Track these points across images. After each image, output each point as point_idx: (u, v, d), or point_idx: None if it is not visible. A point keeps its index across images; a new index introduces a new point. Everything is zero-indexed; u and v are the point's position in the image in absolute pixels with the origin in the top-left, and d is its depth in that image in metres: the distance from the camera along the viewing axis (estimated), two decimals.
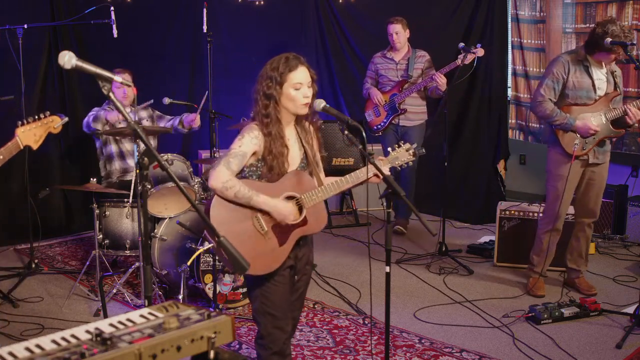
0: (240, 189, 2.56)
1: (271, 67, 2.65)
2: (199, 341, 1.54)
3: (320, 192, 2.70)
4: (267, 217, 2.63)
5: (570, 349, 3.63)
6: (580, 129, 4.17)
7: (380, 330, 3.88)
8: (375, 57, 5.94)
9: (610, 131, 4.25)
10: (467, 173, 6.65)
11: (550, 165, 4.37)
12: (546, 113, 4.24)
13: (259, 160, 2.66)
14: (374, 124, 5.87)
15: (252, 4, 6.66)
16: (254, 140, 2.62)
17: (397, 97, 5.74)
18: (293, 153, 2.71)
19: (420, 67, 5.76)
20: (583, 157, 4.26)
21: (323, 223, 2.79)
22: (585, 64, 4.21)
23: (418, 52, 5.80)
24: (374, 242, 5.68)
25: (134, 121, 2.04)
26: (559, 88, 4.25)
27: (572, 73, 4.21)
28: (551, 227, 4.37)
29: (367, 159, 2.60)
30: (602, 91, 4.25)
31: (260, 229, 2.62)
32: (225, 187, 2.55)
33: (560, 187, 4.27)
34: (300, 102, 2.63)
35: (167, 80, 6.24)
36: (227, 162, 2.58)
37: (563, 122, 4.20)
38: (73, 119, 5.94)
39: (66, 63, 1.93)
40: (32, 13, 5.51)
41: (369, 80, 5.96)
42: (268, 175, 2.65)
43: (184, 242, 4.22)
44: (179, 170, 4.45)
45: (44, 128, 3.21)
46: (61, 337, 1.50)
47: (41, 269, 4.91)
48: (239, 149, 2.61)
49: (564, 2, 6.04)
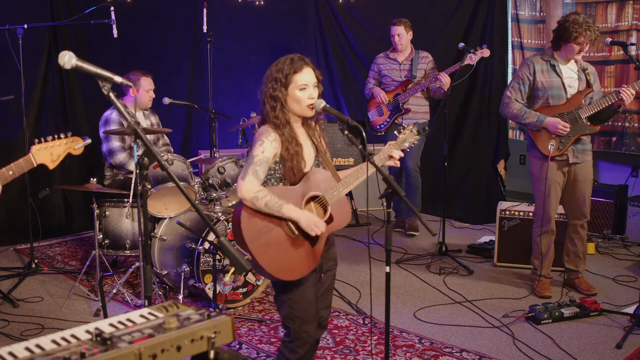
0: (270, 199, 2.53)
1: (276, 68, 2.64)
2: (199, 341, 1.54)
3: (341, 187, 2.70)
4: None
5: (570, 349, 3.63)
6: (549, 125, 4.17)
7: (380, 330, 3.88)
8: (378, 58, 5.94)
9: (586, 128, 4.23)
10: (467, 173, 6.65)
11: (532, 168, 4.39)
12: (514, 112, 4.27)
13: (276, 162, 2.65)
14: (377, 123, 5.87)
15: (252, 4, 6.66)
16: (274, 144, 2.60)
17: (401, 96, 5.74)
18: (306, 150, 2.71)
19: (423, 68, 5.77)
20: (562, 158, 4.25)
21: (348, 218, 2.79)
22: (552, 63, 4.22)
23: (421, 53, 5.81)
24: (374, 242, 5.68)
25: (134, 121, 2.04)
26: (525, 89, 4.27)
27: (539, 73, 4.22)
28: (544, 230, 4.37)
29: (367, 159, 2.60)
30: (573, 89, 4.25)
31: (291, 233, 2.62)
32: (257, 197, 2.52)
33: (543, 189, 4.27)
34: (305, 104, 2.63)
35: (167, 80, 6.24)
36: (255, 171, 2.55)
37: (533, 121, 4.21)
38: (73, 119, 5.96)
39: (66, 63, 1.94)
40: (32, 13, 5.51)
41: (372, 81, 5.96)
42: (288, 175, 2.64)
43: (184, 242, 4.22)
44: (179, 170, 4.45)
45: (63, 148, 3.10)
46: (61, 337, 1.50)
47: (41, 269, 4.91)
48: (262, 155, 2.57)
49: (564, 2, 6.04)
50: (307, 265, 2.65)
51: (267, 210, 2.55)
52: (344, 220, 2.77)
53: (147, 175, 2.14)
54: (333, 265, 2.86)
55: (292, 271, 2.61)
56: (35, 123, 5.68)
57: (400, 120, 5.79)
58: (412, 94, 5.70)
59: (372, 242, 5.69)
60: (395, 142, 2.80)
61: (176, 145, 6.29)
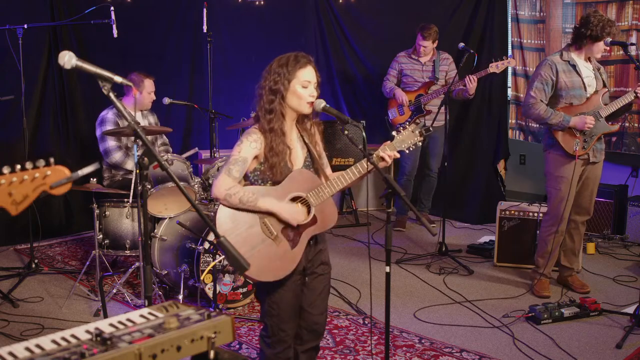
0: (244, 194, 2.54)
1: (279, 63, 2.64)
2: (199, 341, 1.54)
3: (327, 188, 2.66)
4: (275, 220, 2.61)
5: (570, 349, 3.63)
6: (577, 123, 4.16)
7: (380, 330, 3.88)
8: (400, 57, 5.95)
9: (607, 127, 4.26)
10: (467, 173, 6.65)
11: (551, 167, 4.34)
12: (540, 114, 4.24)
13: (261, 163, 2.65)
14: (397, 122, 5.89)
15: (252, 4, 6.66)
16: (253, 144, 2.60)
17: (424, 98, 5.76)
18: (296, 152, 2.70)
19: (445, 70, 5.83)
20: (584, 156, 4.26)
21: (333, 220, 2.75)
22: (572, 64, 4.22)
23: (442, 54, 5.85)
24: (374, 242, 5.68)
25: (133, 121, 2.04)
26: (549, 90, 4.25)
27: (562, 73, 4.22)
28: (555, 229, 4.35)
29: (368, 159, 2.59)
30: (592, 88, 4.26)
31: (269, 234, 2.60)
32: (229, 194, 2.53)
33: (564, 188, 4.25)
34: (306, 101, 2.63)
35: (167, 80, 6.24)
36: (228, 169, 2.57)
37: (559, 121, 4.20)
38: (73, 119, 5.95)
39: (66, 63, 1.93)
40: (32, 13, 5.51)
41: (392, 79, 5.96)
42: (271, 174, 2.62)
43: (184, 242, 4.22)
44: (179, 170, 4.45)
45: (32, 186, 1.70)
46: (61, 337, 1.50)
47: (41, 269, 4.90)
48: (238, 155, 2.59)
49: (564, 2, 6.04)
50: (284, 267, 2.62)
51: (242, 206, 2.55)
52: (329, 222, 2.73)
53: (147, 175, 2.13)
54: (325, 269, 2.80)
55: (269, 272, 2.59)
56: (35, 123, 5.67)
57: (422, 121, 5.80)
58: (436, 96, 5.71)
59: (372, 242, 5.69)
60: (391, 142, 2.70)
61: (176, 145, 6.29)
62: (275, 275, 2.61)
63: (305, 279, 2.76)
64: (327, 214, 2.72)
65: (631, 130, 5.76)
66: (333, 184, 2.67)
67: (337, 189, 2.68)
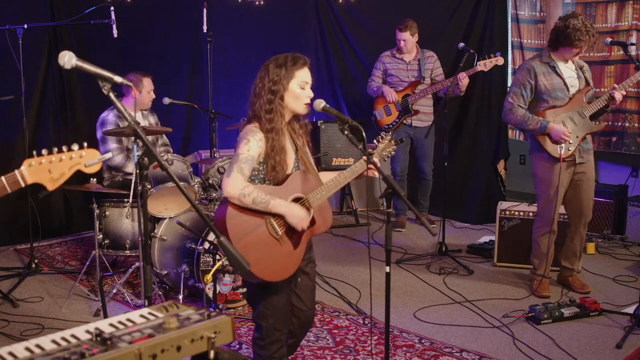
0: (257, 195, 2.53)
1: (276, 63, 2.65)
2: (199, 341, 1.54)
3: (324, 191, 2.69)
4: (279, 221, 2.62)
5: (570, 349, 3.63)
6: (552, 134, 4.15)
7: (380, 330, 3.88)
8: (384, 57, 5.93)
9: (591, 126, 4.24)
10: (467, 173, 6.65)
11: (538, 170, 4.34)
12: (517, 119, 4.25)
13: (260, 163, 2.65)
14: (384, 122, 5.87)
15: (252, 4, 6.66)
16: (259, 143, 2.60)
17: (411, 97, 5.75)
18: (288, 152, 2.71)
19: (430, 68, 5.81)
20: (570, 158, 4.25)
21: (330, 222, 2.79)
22: (552, 65, 4.22)
23: (427, 53, 5.83)
24: (374, 242, 5.68)
25: (134, 121, 2.04)
26: (527, 94, 4.25)
27: (541, 76, 4.21)
28: (546, 230, 4.36)
29: (367, 159, 2.60)
30: (574, 88, 4.25)
31: (275, 233, 2.61)
32: (243, 194, 2.52)
33: (551, 191, 4.25)
34: (303, 101, 2.64)
35: (167, 80, 6.24)
36: (240, 168, 2.55)
37: (536, 127, 4.19)
38: (73, 119, 5.95)
39: (66, 63, 1.94)
40: (32, 13, 5.51)
41: (378, 79, 5.94)
42: (272, 174, 2.63)
43: (184, 242, 4.22)
44: (179, 170, 4.45)
45: (69, 165, 2.13)
46: (61, 337, 1.50)
47: (41, 269, 4.90)
48: (247, 153, 2.58)
49: (564, 2, 6.04)
50: (290, 267, 2.65)
51: (255, 207, 2.54)
52: (325, 224, 2.76)
53: (147, 175, 2.13)
54: (313, 267, 2.88)
55: (276, 272, 2.60)
56: (35, 123, 5.67)
57: (409, 121, 5.79)
58: (423, 95, 5.70)
59: (372, 242, 5.69)
60: (375, 150, 2.81)
61: (176, 145, 6.29)
62: (281, 275, 2.63)
63: (298, 278, 2.79)
64: (324, 216, 2.75)
65: (631, 130, 5.76)
66: (329, 186, 2.70)
67: (332, 191, 2.72)
